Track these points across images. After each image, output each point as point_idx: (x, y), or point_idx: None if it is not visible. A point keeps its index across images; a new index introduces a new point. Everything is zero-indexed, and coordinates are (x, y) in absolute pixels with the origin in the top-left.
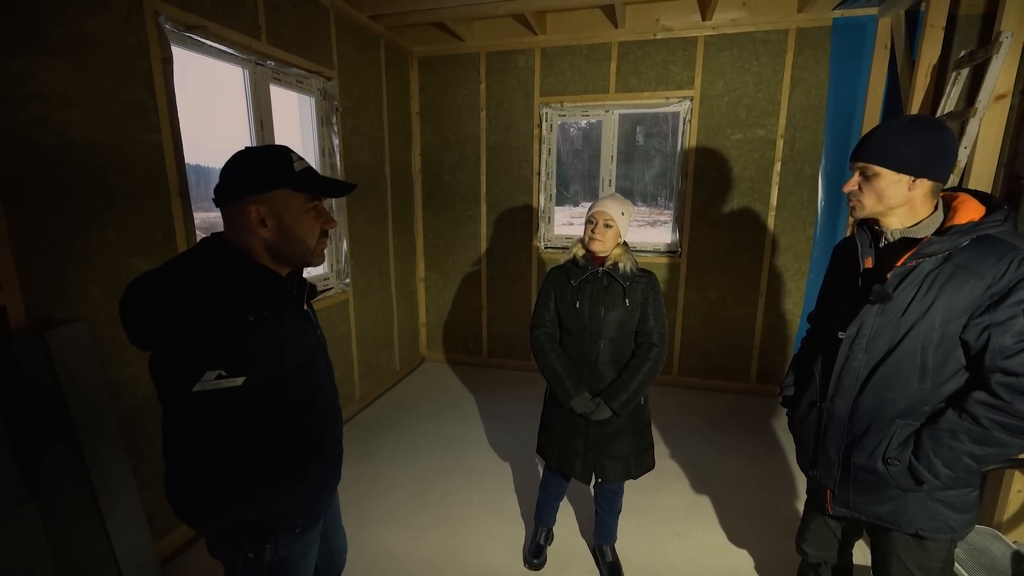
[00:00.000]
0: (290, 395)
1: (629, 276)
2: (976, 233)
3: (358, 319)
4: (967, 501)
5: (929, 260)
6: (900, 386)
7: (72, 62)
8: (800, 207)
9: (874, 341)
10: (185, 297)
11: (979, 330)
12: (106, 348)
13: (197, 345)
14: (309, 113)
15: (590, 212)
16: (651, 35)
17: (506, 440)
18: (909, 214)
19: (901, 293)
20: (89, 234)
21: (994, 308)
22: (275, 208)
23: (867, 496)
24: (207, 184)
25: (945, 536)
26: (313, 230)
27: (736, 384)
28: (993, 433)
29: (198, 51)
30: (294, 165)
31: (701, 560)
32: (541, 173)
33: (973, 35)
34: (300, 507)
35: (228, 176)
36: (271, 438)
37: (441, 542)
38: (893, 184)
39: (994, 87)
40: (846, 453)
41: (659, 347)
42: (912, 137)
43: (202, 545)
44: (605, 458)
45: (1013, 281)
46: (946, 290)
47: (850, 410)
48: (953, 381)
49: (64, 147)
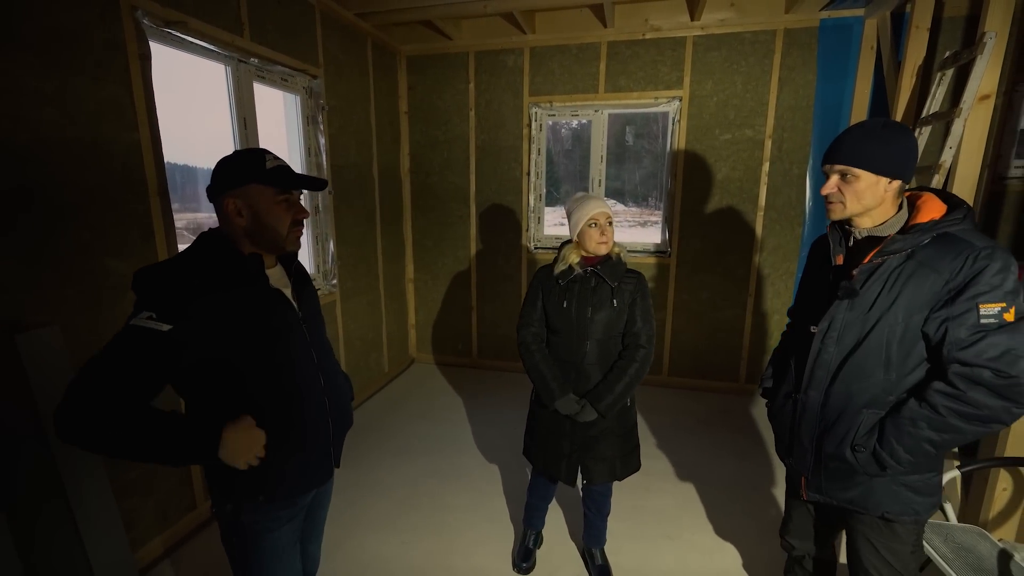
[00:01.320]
0: (260, 361)
1: (618, 276)
2: (936, 231)
3: (346, 321)
4: (930, 485)
5: (894, 257)
6: (867, 377)
7: (45, 58)
8: (788, 207)
9: (844, 335)
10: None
11: (938, 323)
12: (84, 352)
13: (148, 294)
14: (294, 112)
15: (588, 216)
16: (640, 35)
17: (497, 443)
18: (880, 213)
19: (868, 289)
20: (63, 235)
21: (951, 302)
22: (249, 200)
23: (837, 482)
24: (194, 185)
25: (909, 518)
26: (284, 219)
27: (726, 384)
28: (949, 420)
29: (178, 47)
30: (266, 163)
31: (691, 561)
32: (531, 173)
33: (957, 36)
34: (262, 477)
35: (214, 176)
36: (240, 397)
37: (430, 546)
38: (872, 186)
39: (978, 88)
40: (818, 442)
41: (646, 348)
42: (887, 141)
43: (182, 553)
44: (590, 459)
45: (968, 277)
46: (909, 285)
47: (822, 401)
48: (916, 372)
49: (37, 145)
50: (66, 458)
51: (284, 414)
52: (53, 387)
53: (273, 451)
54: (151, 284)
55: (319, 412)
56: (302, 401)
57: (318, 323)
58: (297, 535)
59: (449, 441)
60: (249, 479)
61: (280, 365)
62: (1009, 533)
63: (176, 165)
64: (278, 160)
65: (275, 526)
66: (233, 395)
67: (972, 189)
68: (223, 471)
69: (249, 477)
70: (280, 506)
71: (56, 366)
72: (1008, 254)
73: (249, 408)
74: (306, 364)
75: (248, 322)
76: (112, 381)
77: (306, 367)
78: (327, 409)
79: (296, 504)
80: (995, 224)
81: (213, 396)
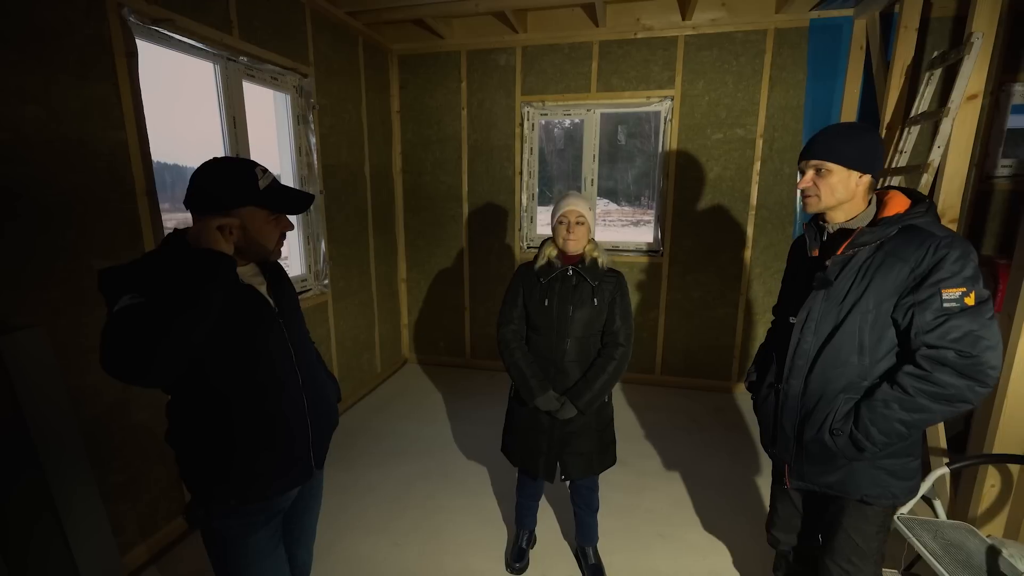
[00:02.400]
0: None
1: (599, 275)
2: (902, 223)
3: (338, 321)
4: (908, 469)
5: (864, 249)
6: (843, 364)
7: (28, 55)
8: (779, 206)
9: (820, 324)
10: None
11: (905, 309)
12: (68, 354)
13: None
14: (285, 111)
15: (559, 213)
16: (632, 34)
17: (490, 443)
18: (852, 207)
19: (842, 279)
20: (48, 235)
21: (916, 289)
22: (241, 221)
23: (818, 467)
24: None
25: (887, 502)
26: (273, 236)
27: (718, 383)
28: (918, 400)
29: (166, 45)
30: (259, 183)
31: (684, 559)
32: (523, 172)
33: (945, 37)
34: (233, 478)
35: (199, 190)
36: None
37: (422, 548)
38: (844, 180)
39: (966, 88)
40: (799, 429)
41: (624, 347)
42: (856, 139)
43: (171, 557)
44: (568, 455)
45: (931, 264)
46: (878, 275)
47: (802, 388)
48: (888, 358)
49: (20, 144)
50: (52, 463)
51: (255, 409)
52: (37, 389)
53: (243, 447)
54: (121, 273)
55: (294, 409)
56: (275, 397)
57: (296, 319)
58: (277, 539)
59: (442, 442)
60: (221, 482)
61: (251, 360)
62: (997, 529)
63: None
64: (268, 175)
65: (249, 532)
66: (200, 386)
67: (960, 188)
68: (199, 475)
69: (220, 480)
70: (254, 510)
71: (41, 368)
72: (967, 243)
73: (216, 400)
74: (282, 360)
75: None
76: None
77: (282, 363)
78: (304, 407)
79: (272, 507)
80: (983, 222)
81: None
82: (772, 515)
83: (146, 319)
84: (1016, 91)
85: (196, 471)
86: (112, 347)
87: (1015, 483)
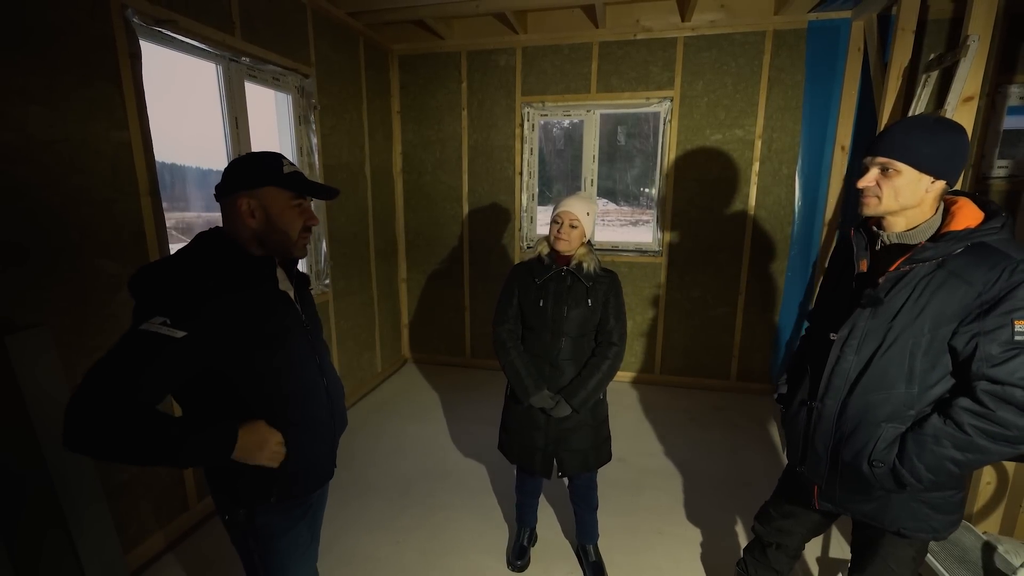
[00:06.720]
0: (259, 365)
1: (592, 276)
2: (971, 240)
3: (338, 320)
4: (951, 503)
5: (922, 265)
6: (887, 389)
7: (31, 56)
8: (778, 207)
9: (864, 343)
10: (165, 269)
11: (967, 337)
12: (72, 353)
13: (158, 297)
14: (286, 111)
15: (556, 212)
16: (631, 35)
17: (490, 442)
18: (916, 215)
19: (893, 297)
20: (51, 235)
21: (983, 316)
22: (263, 201)
23: (853, 494)
24: (183, 184)
25: (926, 536)
26: (295, 223)
27: (717, 382)
28: (976, 440)
29: (169, 46)
30: (283, 168)
31: (684, 557)
32: (523, 173)
33: (942, 39)
34: (272, 477)
35: (227, 175)
36: (231, 401)
37: (423, 546)
38: (913, 183)
39: (962, 89)
40: (834, 451)
41: (618, 346)
42: (936, 138)
43: (175, 555)
44: (564, 451)
45: (1004, 290)
46: (937, 296)
47: (838, 410)
48: (939, 386)
49: (24, 144)
50: (56, 460)
51: (292, 414)
52: (43, 388)
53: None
54: (160, 286)
55: (323, 410)
56: (309, 401)
57: (317, 325)
58: (312, 532)
59: (442, 441)
60: (257, 480)
61: (287, 365)
62: (993, 526)
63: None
64: (293, 166)
65: (291, 524)
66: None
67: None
68: (228, 477)
69: (257, 478)
70: (292, 504)
71: (46, 367)
72: None
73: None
74: (310, 365)
75: (258, 324)
76: (122, 388)
77: (310, 367)
78: (330, 408)
79: (308, 501)
80: None
81: (214, 398)
82: (767, 513)
83: (134, 427)
84: (1012, 92)
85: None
86: (87, 417)
87: (1010, 480)
